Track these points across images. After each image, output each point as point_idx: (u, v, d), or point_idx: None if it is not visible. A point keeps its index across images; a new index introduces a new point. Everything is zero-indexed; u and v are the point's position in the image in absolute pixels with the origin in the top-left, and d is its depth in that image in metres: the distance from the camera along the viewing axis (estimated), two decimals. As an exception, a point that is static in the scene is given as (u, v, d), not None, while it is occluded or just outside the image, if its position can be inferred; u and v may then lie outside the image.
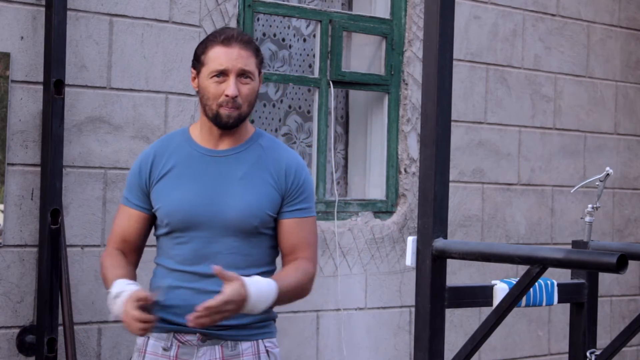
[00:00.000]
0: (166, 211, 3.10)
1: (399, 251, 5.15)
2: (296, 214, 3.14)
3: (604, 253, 2.37)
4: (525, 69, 5.69)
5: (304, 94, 5.17)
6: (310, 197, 3.18)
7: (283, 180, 3.13)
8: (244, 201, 3.07)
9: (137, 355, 3.15)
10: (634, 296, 6.25)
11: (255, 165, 3.13)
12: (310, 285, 3.16)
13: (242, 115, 3.10)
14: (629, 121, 6.20)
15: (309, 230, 3.16)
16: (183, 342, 3.08)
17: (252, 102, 3.13)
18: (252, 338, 3.11)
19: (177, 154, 3.16)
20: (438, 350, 2.63)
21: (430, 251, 2.64)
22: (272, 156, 3.16)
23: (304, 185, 3.16)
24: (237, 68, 3.07)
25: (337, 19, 5.02)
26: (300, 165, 3.18)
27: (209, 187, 3.10)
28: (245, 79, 3.09)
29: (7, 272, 3.99)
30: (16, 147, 4.02)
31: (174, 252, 3.11)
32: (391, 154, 5.19)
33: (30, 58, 4.05)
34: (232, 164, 3.13)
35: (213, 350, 3.07)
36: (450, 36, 2.67)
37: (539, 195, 5.77)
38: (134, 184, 3.18)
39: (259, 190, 3.10)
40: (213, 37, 3.13)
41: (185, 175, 3.12)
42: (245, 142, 3.16)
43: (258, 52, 3.15)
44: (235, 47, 3.08)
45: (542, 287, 3.07)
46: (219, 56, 3.08)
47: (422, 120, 2.68)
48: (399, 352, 5.17)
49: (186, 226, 3.08)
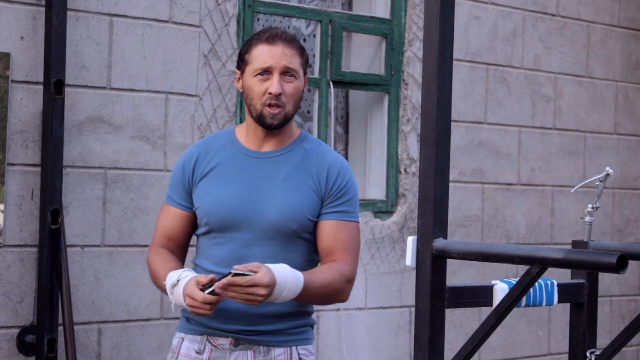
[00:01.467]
0: (205, 211, 3.07)
1: (399, 251, 5.15)
2: (335, 216, 3.06)
3: (604, 253, 2.37)
4: (525, 69, 5.69)
5: (304, 94, 5.17)
6: (353, 201, 3.10)
7: (324, 181, 3.07)
8: (283, 203, 3.03)
9: (170, 356, 3.13)
10: (634, 296, 6.25)
11: (297, 168, 3.08)
12: (346, 288, 3.06)
13: (287, 115, 3.05)
14: (629, 121, 6.20)
15: (349, 235, 3.07)
16: (216, 345, 3.05)
17: (297, 101, 3.07)
18: (285, 344, 3.06)
19: (221, 154, 3.12)
20: (438, 350, 2.63)
21: (430, 251, 2.64)
22: (315, 159, 3.10)
23: (347, 187, 3.09)
24: (281, 65, 3.03)
25: (337, 19, 5.02)
26: (344, 167, 3.11)
27: (249, 188, 3.06)
28: (290, 77, 3.05)
29: (7, 272, 3.99)
30: (16, 147, 4.02)
31: (211, 253, 3.08)
32: (391, 154, 5.19)
33: (30, 58, 4.05)
34: (274, 165, 3.08)
35: (245, 355, 3.03)
36: (450, 36, 2.67)
37: (539, 195, 5.77)
38: (177, 182, 3.15)
39: (299, 193, 3.05)
40: (257, 36, 3.09)
41: (226, 175, 3.09)
42: (290, 145, 3.12)
43: (303, 51, 3.10)
44: (279, 45, 3.04)
45: (542, 287, 3.07)
46: (262, 54, 3.04)
47: (422, 120, 2.67)
48: (399, 352, 5.17)
49: (224, 227, 3.04)
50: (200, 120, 4.48)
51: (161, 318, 4.37)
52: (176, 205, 3.14)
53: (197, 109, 4.48)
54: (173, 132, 4.40)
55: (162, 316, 4.37)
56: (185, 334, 3.11)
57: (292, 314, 3.07)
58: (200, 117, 4.48)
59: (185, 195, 3.13)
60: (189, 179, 3.13)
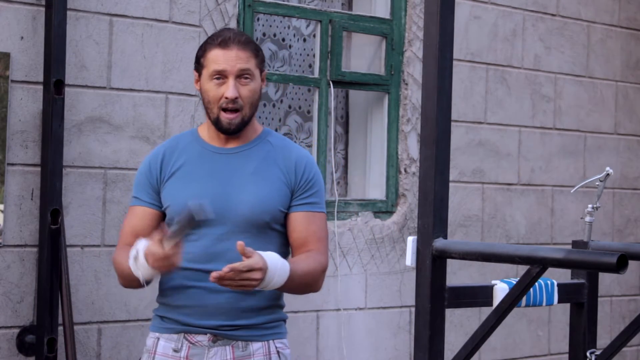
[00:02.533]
0: (176, 209, 3.07)
1: (399, 251, 5.15)
2: (306, 208, 3.12)
3: (604, 253, 2.37)
4: (525, 69, 5.69)
5: (304, 94, 5.17)
6: (320, 193, 3.16)
7: (293, 174, 3.12)
8: (255, 196, 3.06)
9: (146, 356, 3.13)
10: (634, 296, 6.25)
11: (264, 161, 3.13)
12: (322, 277, 3.14)
13: (244, 119, 3.10)
14: (629, 121, 6.20)
15: (319, 226, 3.14)
16: (193, 342, 3.07)
17: (254, 103, 3.12)
18: (263, 338, 3.10)
19: (186, 152, 3.16)
20: (438, 350, 2.63)
21: (430, 251, 2.64)
22: (281, 152, 3.15)
23: (314, 180, 3.15)
24: (235, 69, 3.07)
25: (337, 19, 5.02)
26: (310, 161, 3.18)
27: (219, 183, 3.09)
28: (245, 80, 3.09)
29: (7, 272, 3.99)
30: (16, 147, 4.02)
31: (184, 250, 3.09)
32: (391, 154, 5.19)
33: (30, 58, 4.05)
34: (242, 160, 3.12)
35: (224, 351, 3.06)
36: (450, 36, 2.67)
37: (539, 195, 5.77)
38: (144, 183, 3.16)
39: (269, 185, 3.09)
40: (211, 40, 3.13)
41: (195, 172, 3.12)
42: (254, 140, 3.16)
43: (258, 51, 3.14)
44: (233, 49, 3.08)
45: (542, 287, 3.07)
46: (217, 58, 3.08)
47: (422, 120, 2.68)
48: (399, 352, 5.17)
49: None
50: (200, 120, 4.48)
51: (161, 318, 4.37)
52: (145, 205, 3.15)
53: (197, 109, 4.48)
54: (173, 132, 4.40)
55: (162, 316, 4.37)
56: (160, 334, 3.12)
57: (268, 308, 3.11)
58: (200, 117, 4.48)
59: (153, 194, 3.15)
60: (157, 178, 3.15)
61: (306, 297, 4.69)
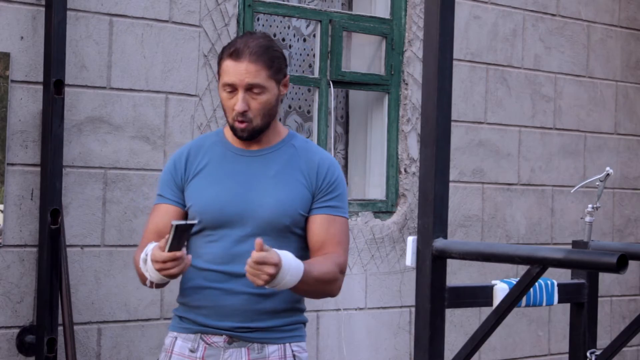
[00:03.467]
0: (198, 208, 3.07)
1: (399, 251, 5.15)
2: (326, 211, 3.09)
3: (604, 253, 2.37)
4: (525, 69, 5.69)
5: (304, 94, 5.17)
6: (342, 197, 3.13)
7: (314, 177, 3.10)
8: (276, 199, 3.05)
9: (164, 355, 3.12)
10: (634, 296, 6.25)
11: (287, 164, 3.11)
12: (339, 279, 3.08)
13: (255, 128, 3.07)
14: (629, 121, 6.20)
15: (340, 230, 3.11)
16: (210, 343, 3.06)
17: (267, 113, 3.07)
18: (279, 341, 3.07)
19: (211, 153, 3.15)
20: (438, 350, 2.63)
21: (430, 251, 2.64)
22: (304, 155, 3.13)
23: (336, 183, 3.12)
24: (244, 83, 3.03)
25: (337, 19, 5.02)
26: (333, 164, 3.15)
27: (241, 185, 3.08)
28: (255, 93, 3.05)
29: (7, 272, 3.99)
30: (16, 147, 4.02)
31: (203, 251, 3.08)
32: (391, 154, 5.19)
33: (30, 58, 4.05)
34: (265, 162, 3.11)
35: (239, 353, 3.04)
36: (450, 36, 2.67)
37: (539, 195, 5.77)
38: (169, 181, 3.15)
39: (291, 188, 3.08)
40: (227, 47, 3.09)
41: (217, 173, 3.11)
42: (278, 143, 3.14)
43: (272, 62, 3.07)
44: (243, 62, 3.03)
45: (542, 287, 3.07)
46: (228, 69, 3.05)
47: (422, 120, 2.67)
48: (399, 352, 5.17)
49: (218, 224, 3.06)
50: (200, 120, 4.48)
51: (161, 318, 4.37)
52: (169, 202, 3.14)
53: (197, 109, 4.48)
54: (173, 132, 4.40)
55: (162, 316, 4.37)
56: (178, 333, 3.11)
57: (286, 311, 3.09)
58: (200, 117, 4.48)
59: (177, 192, 3.14)
60: (182, 177, 3.14)
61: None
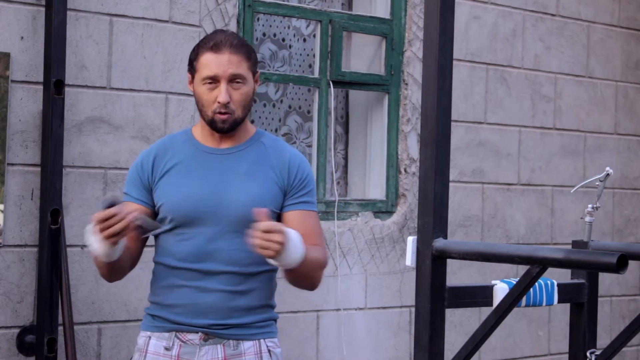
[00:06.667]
0: (170, 207, 3.10)
1: (399, 251, 5.15)
2: (301, 206, 3.14)
3: (604, 253, 2.37)
4: (525, 69, 5.69)
5: (304, 94, 5.17)
6: (313, 193, 3.19)
7: (286, 174, 3.14)
8: (247, 196, 3.08)
9: (138, 355, 3.13)
10: (634, 296, 6.25)
11: (257, 162, 3.15)
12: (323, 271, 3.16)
13: (236, 120, 3.12)
14: (629, 121, 6.20)
15: (315, 223, 3.17)
16: (185, 341, 3.08)
17: (247, 105, 3.14)
18: (254, 337, 3.11)
19: (180, 152, 3.17)
20: (438, 350, 2.63)
21: (430, 251, 2.64)
22: (275, 153, 3.18)
23: (307, 180, 3.18)
24: (227, 74, 3.08)
25: (337, 19, 5.01)
26: (303, 161, 3.20)
27: (212, 183, 3.11)
28: (237, 84, 3.10)
29: (7, 272, 3.99)
30: (16, 147, 4.02)
31: (175, 249, 3.10)
32: (391, 154, 5.19)
33: (30, 58, 4.05)
34: (235, 160, 3.14)
35: (215, 350, 3.07)
36: (450, 36, 2.67)
37: (539, 195, 5.77)
38: (135, 180, 3.18)
39: (262, 185, 3.11)
40: (203, 43, 3.14)
41: (188, 171, 3.13)
42: (248, 141, 3.18)
43: (250, 54, 3.14)
44: (224, 53, 3.08)
45: (542, 287, 3.07)
46: (209, 62, 3.09)
47: (422, 120, 2.68)
48: (399, 352, 5.17)
49: (190, 221, 3.08)
50: (200, 120, 4.48)
51: (161, 318, 4.36)
52: (134, 201, 3.15)
53: (197, 109, 4.47)
54: (173, 132, 4.40)
55: (162, 316, 4.36)
56: (151, 332, 3.13)
57: (259, 307, 3.13)
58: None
59: (143, 192, 3.16)
60: (148, 177, 3.16)
61: (306, 297, 4.69)
